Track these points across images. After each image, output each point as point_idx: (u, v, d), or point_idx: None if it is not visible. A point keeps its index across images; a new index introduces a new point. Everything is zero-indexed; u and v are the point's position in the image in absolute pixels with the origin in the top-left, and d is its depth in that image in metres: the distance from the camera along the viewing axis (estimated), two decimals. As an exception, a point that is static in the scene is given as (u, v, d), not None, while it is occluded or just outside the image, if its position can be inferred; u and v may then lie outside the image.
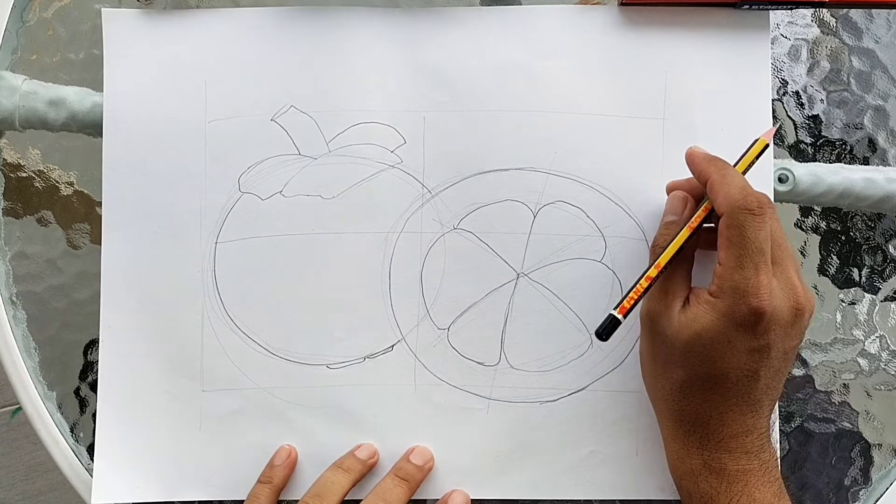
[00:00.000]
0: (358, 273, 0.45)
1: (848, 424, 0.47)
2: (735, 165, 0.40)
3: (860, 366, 0.47)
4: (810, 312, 0.38)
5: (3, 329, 0.47)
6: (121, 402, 0.46)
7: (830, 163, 0.47)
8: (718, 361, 0.37)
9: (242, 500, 0.44)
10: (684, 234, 0.39)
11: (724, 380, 0.37)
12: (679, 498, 0.40)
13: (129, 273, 0.46)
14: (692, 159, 0.41)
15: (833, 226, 0.47)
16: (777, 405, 0.44)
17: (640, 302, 0.39)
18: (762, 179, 0.44)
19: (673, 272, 0.39)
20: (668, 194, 0.43)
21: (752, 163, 0.40)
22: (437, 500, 0.45)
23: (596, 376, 0.45)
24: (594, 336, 0.40)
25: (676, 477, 0.40)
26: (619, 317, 0.38)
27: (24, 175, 0.48)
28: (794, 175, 0.45)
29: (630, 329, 0.44)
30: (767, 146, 0.40)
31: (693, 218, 0.39)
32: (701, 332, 0.37)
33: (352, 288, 0.45)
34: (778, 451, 0.40)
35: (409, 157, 0.45)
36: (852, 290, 0.47)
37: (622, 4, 0.45)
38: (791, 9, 0.45)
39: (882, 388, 0.47)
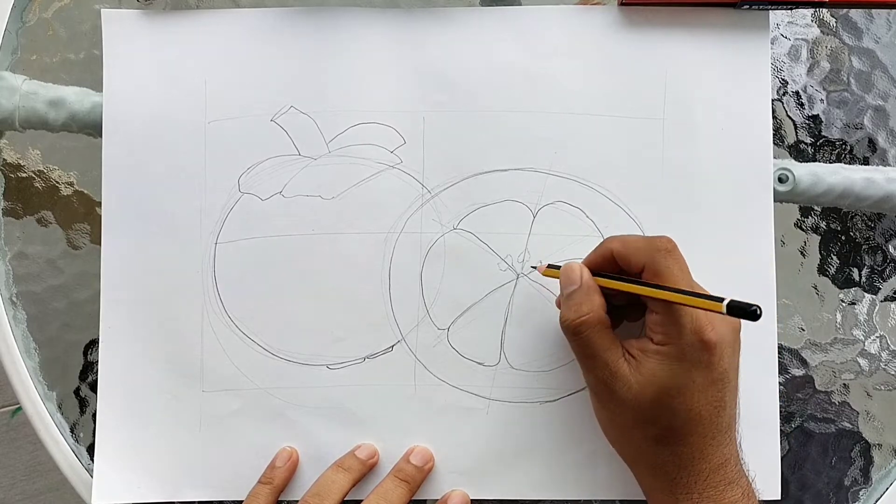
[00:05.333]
0: (358, 273, 0.45)
1: (848, 424, 0.47)
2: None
3: (860, 366, 0.47)
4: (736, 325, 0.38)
5: (3, 329, 0.47)
6: (121, 402, 0.46)
7: (830, 163, 0.47)
8: (689, 406, 0.37)
9: (242, 501, 0.44)
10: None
11: (698, 421, 0.37)
12: None
13: (129, 273, 0.46)
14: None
15: (833, 226, 0.47)
16: (777, 406, 0.45)
17: (584, 373, 0.39)
18: (762, 180, 0.45)
19: (602, 335, 0.38)
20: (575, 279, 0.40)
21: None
22: (437, 500, 0.45)
23: (596, 376, 0.45)
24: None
25: None
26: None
27: (24, 175, 0.48)
28: (794, 175, 0.45)
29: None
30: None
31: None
32: (665, 385, 0.36)
33: (352, 288, 0.45)
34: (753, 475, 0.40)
35: (408, 157, 0.45)
36: (852, 290, 0.47)
37: (622, 4, 0.45)
38: (791, 9, 0.45)
39: (882, 388, 0.47)
